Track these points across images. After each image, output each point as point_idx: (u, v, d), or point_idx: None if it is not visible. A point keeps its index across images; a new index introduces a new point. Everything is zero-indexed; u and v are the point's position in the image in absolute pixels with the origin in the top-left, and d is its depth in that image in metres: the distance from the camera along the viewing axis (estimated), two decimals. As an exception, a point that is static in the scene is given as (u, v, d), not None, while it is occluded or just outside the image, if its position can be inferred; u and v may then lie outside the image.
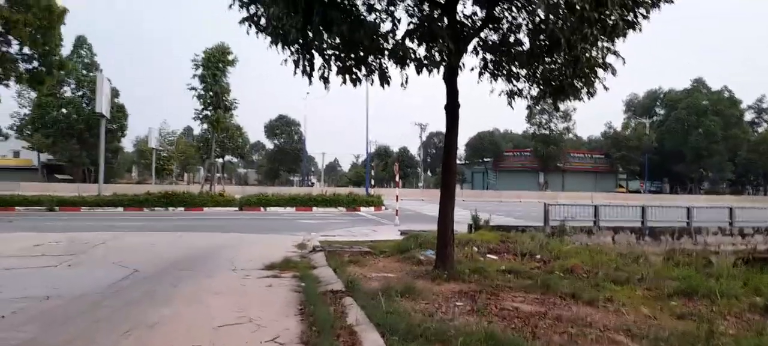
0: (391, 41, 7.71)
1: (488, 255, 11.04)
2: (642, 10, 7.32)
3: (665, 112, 78.39)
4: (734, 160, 74.28)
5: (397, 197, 21.68)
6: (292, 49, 7.49)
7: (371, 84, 8.28)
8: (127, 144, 75.87)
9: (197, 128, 37.69)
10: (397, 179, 23.39)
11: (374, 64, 7.99)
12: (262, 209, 28.57)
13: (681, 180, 77.01)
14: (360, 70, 7.97)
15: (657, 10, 7.40)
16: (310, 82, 7.78)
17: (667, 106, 78.36)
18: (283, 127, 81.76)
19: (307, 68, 7.64)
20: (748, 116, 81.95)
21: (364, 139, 51.86)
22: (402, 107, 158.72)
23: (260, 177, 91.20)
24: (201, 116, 32.39)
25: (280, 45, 7.25)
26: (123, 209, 26.73)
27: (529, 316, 6.05)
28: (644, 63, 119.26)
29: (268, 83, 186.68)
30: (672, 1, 7.42)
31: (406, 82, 8.03)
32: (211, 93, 31.49)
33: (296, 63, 7.59)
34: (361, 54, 7.76)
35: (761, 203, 44.30)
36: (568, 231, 16.48)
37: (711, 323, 5.77)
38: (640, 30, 7.46)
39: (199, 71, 31.21)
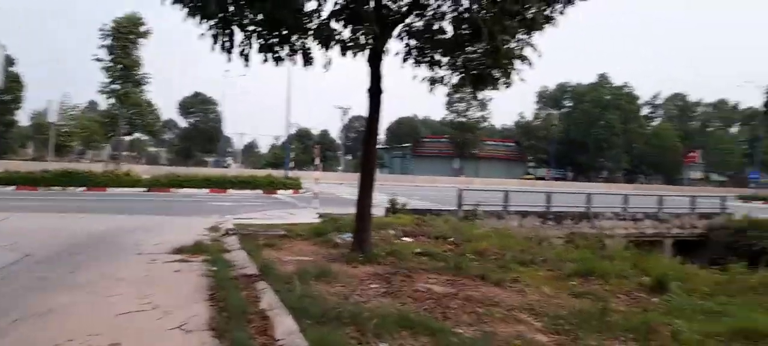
0: (315, 21, 7.59)
1: (404, 238, 11.27)
2: (559, 6, 7.73)
3: (572, 104, 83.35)
4: (630, 151, 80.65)
5: (316, 180, 21.52)
6: (211, 23, 7.16)
7: (294, 64, 8.13)
8: (23, 118, 69.42)
9: (104, 103, 35.12)
10: (317, 162, 23.18)
11: (297, 43, 7.84)
12: (172, 190, 27.25)
13: (583, 169, 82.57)
14: (282, 49, 7.79)
15: (572, 6, 7.84)
16: (230, 59, 7.50)
17: (574, 98, 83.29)
18: (198, 105, 78.14)
19: (227, 44, 7.35)
20: (644, 111, 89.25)
21: (284, 121, 50.73)
22: (324, 90, 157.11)
23: (172, 157, 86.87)
24: (107, 90, 30.21)
25: (198, 17, 6.91)
26: (15, 188, 24.48)
27: (441, 297, 6.26)
28: (557, 57, 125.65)
29: (188, 59, 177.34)
30: (585, -1, 7.86)
31: (330, 63, 7.96)
32: (120, 65, 29.43)
33: (215, 38, 7.27)
34: (285, 32, 7.57)
35: (651, 191, 48.59)
36: (479, 215, 17.16)
37: (604, 302, 6.27)
38: (556, 25, 7.89)
39: (107, 41, 29.05)
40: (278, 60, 7.82)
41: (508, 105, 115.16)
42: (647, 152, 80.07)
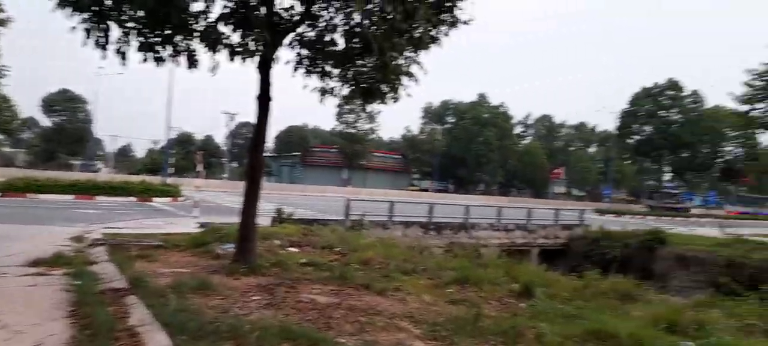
0: (202, 23, 7.30)
1: (290, 248, 11.13)
2: (444, 28, 8.18)
3: (454, 121, 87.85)
4: (505, 166, 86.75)
5: (197, 187, 20.50)
6: (85, 16, 6.59)
7: (177, 66, 7.73)
8: None
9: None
10: (199, 168, 22.11)
11: (182, 44, 7.47)
12: (29, 195, 24.39)
13: (463, 182, 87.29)
14: (165, 50, 7.37)
15: (456, 29, 8.33)
16: (105, 56, 6.94)
17: (456, 115, 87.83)
18: (64, 104, 70.79)
19: (102, 40, 6.80)
20: (517, 130, 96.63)
21: (164, 125, 47.62)
22: (211, 93, 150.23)
23: (31, 159, 77.74)
24: (-47, 81, 26.43)
25: (69, 9, 6.32)
26: None
27: (324, 307, 6.28)
28: (441, 75, 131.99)
29: (58, 53, 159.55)
30: (468, 24, 8.39)
31: (217, 67, 7.68)
32: (-31, 54, 25.89)
33: (88, 32, 6.69)
34: (168, 32, 7.18)
35: (522, 204, 52.48)
36: (366, 225, 17.44)
37: (478, 308, 6.69)
38: (441, 45, 8.33)
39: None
40: (159, 60, 7.39)
41: (396, 118, 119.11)
42: (519, 168, 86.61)
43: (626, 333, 5.78)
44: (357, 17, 7.46)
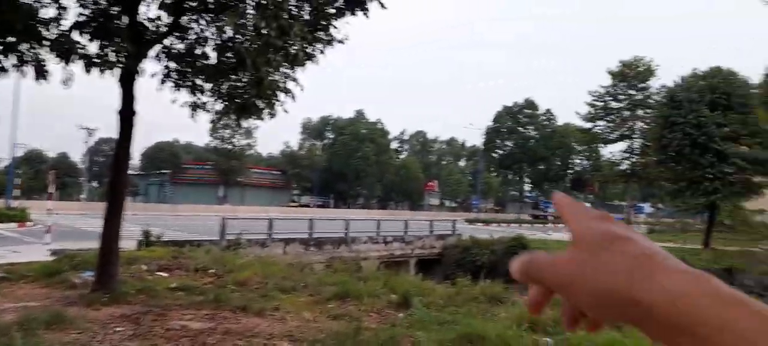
0: (54, 31, 6.62)
1: (158, 272, 10.40)
2: (320, 46, 8.26)
3: (334, 136, 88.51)
4: (383, 180, 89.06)
5: (49, 210, 18.41)
6: None
7: (23, 76, 6.92)
8: None
9: None
10: (51, 189, 19.90)
11: (29, 53, 6.71)
12: None
13: (343, 196, 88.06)
14: (7, 59, 6.57)
15: (332, 47, 8.45)
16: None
17: (335, 131, 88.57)
18: None
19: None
20: (394, 145, 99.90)
21: (8, 141, 41.96)
22: (65, 106, 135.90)
23: None
24: None
25: None
26: None
27: (198, 333, 5.97)
28: (320, 91, 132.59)
29: None
30: (343, 42, 8.55)
31: (71, 79, 7.00)
32: None
33: None
34: (11, 40, 6.42)
35: (399, 216, 54.18)
36: (243, 244, 16.86)
37: (358, 321, 6.78)
38: (317, 63, 8.40)
39: None
40: (2, 70, 6.58)
41: (275, 134, 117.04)
42: (396, 182, 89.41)
43: (495, 334, 6.20)
44: (229, 32, 7.28)
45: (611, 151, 52.01)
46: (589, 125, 45.21)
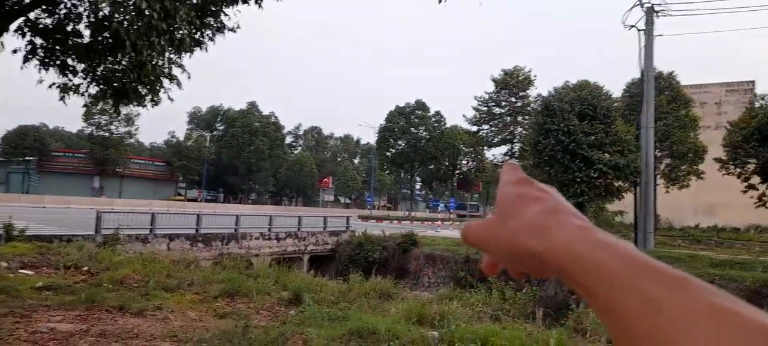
0: None
1: (22, 270, 9.36)
2: (208, 32, 7.90)
3: (224, 128, 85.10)
4: (276, 175, 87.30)
5: None
6: None
7: None
8: None
9: None
10: None
11: None
12: None
13: (234, 190, 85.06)
14: None
15: (222, 35, 8.11)
16: None
17: (226, 122, 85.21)
18: None
19: None
20: (288, 140, 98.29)
21: None
22: None
23: None
24: None
25: None
26: None
27: (68, 336, 5.47)
28: (210, 79, 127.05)
29: None
30: (235, 31, 8.25)
31: None
32: None
33: None
34: None
35: (293, 212, 53.57)
36: (122, 240, 15.68)
37: (247, 319, 6.60)
38: (207, 50, 8.02)
39: None
40: None
41: (160, 123, 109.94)
42: (290, 177, 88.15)
43: (384, 329, 6.36)
44: (106, 9, 6.72)
45: (494, 153, 55.54)
46: (474, 129, 47.75)
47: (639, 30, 22.71)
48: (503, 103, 45.19)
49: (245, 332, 5.98)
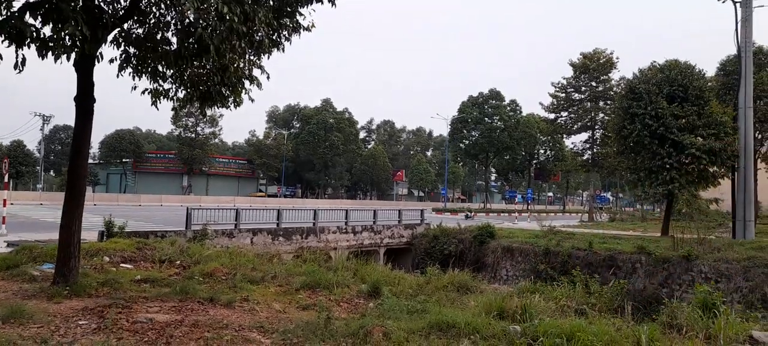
0: (4, 12, 6.27)
1: (122, 265, 10.13)
2: (285, 33, 8.10)
3: (300, 125, 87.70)
4: (351, 170, 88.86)
5: (5, 201, 17.67)
6: None
7: (-28, 61, 6.53)
8: None
9: None
10: (5, 179, 19.10)
11: (-23, 36, 6.33)
12: None
13: (311, 186, 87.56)
14: (-47, 43, 6.19)
15: (297, 35, 8.30)
16: None
17: (302, 120, 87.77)
18: None
19: None
20: (362, 135, 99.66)
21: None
22: (19, 92, 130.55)
23: None
24: None
25: None
26: None
27: (164, 326, 5.83)
28: (287, 78, 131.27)
29: None
30: (310, 30, 8.41)
31: (23, 64, 6.62)
32: None
33: None
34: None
35: (368, 206, 54.32)
36: (209, 235, 16.56)
37: (329, 311, 6.74)
38: (284, 50, 8.24)
39: None
40: (-51, 54, 6.19)
41: (240, 122, 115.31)
42: (364, 171, 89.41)
43: (464, 323, 6.26)
44: (191, 16, 7.05)
45: (573, 141, 53.38)
46: (552, 116, 46.04)
47: (736, 2, 20.88)
48: (583, 88, 43.11)
49: (327, 324, 6.10)
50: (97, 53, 7.47)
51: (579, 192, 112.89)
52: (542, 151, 72.59)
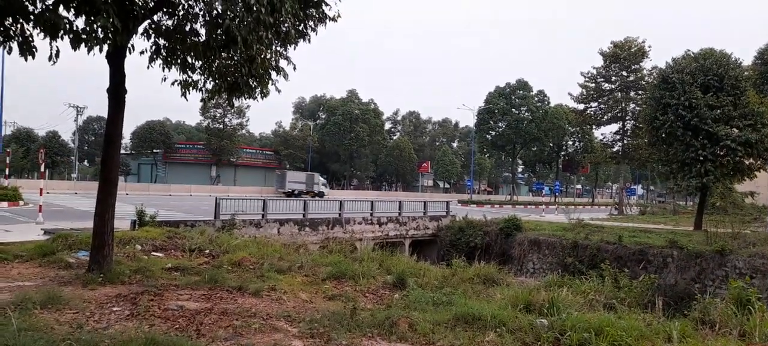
0: (39, 5, 6.43)
1: (153, 253, 10.36)
2: (311, 23, 8.12)
3: (326, 116, 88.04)
4: (376, 161, 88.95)
5: (41, 190, 18.24)
6: None
7: (8, 53, 6.72)
8: None
9: None
10: (42, 168, 19.69)
11: (14, 29, 6.52)
12: None
13: (337, 177, 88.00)
14: (-9, 34, 6.38)
15: (323, 26, 8.31)
16: None
17: (327, 111, 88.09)
18: None
19: None
20: (387, 126, 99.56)
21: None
22: (53, 84, 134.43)
23: None
24: None
25: None
26: None
27: (195, 313, 5.94)
28: (312, 70, 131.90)
29: None
30: (336, 20, 8.41)
31: (57, 55, 6.79)
32: None
33: None
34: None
35: (393, 197, 54.35)
36: (237, 224, 16.81)
37: (354, 301, 6.78)
38: (309, 41, 8.26)
39: None
40: (-14, 46, 6.40)
41: (267, 113, 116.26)
42: (390, 162, 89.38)
43: (490, 315, 6.22)
44: (219, 8, 7.12)
45: (603, 132, 52.20)
46: (581, 107, 45.18)
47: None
48: (613, 78, 42.07)
49: (353, 315, 6.13)
50: (129, 45, 7.63)
51: (608, 184, 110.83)
52: (571, 142, 71.39)
